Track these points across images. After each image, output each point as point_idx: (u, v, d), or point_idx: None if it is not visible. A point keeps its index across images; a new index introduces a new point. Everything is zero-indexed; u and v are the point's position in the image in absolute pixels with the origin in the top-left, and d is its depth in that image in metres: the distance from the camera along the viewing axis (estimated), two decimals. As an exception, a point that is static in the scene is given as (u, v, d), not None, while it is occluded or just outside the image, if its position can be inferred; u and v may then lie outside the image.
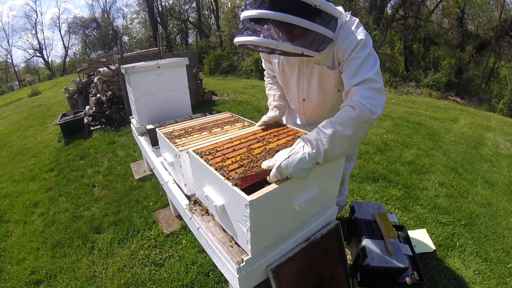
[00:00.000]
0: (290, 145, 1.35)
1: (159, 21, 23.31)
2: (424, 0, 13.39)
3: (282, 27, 1.01)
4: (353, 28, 1.18)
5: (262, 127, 1.65)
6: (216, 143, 1.46)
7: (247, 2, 1.03)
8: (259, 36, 1.02)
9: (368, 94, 1.08)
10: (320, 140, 1.02)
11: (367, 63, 1.13)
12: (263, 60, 1.71)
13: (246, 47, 1.14)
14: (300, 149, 1.03)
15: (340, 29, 1.17)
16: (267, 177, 1.07)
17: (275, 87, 1.69)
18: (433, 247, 2.11)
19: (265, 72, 1.79)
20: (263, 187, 1.08)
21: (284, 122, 1.84)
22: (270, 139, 1.49)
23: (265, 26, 1.02)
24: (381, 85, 1.12)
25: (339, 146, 1.04)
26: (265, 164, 1.09)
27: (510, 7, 12.61)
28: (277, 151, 1.35)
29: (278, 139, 1.49)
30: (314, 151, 1.02)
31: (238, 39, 1.08)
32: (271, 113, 1.64)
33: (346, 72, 1.18)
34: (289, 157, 1.02)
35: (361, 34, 1.16)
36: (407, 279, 1.76)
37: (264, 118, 1.61)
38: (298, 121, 1.77)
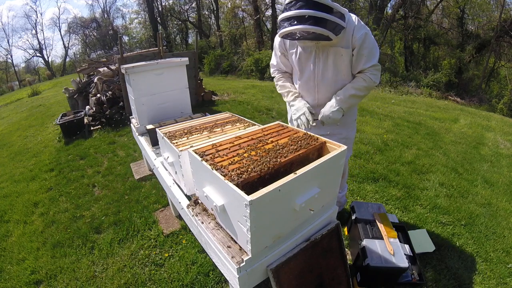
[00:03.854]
0: (290, 145, 1.43)
1: (159, 21, 23.31)
2: (424, 0, 13.39)
3: (314, 19, 1.46)
4: (360, 22, 1.68)
5: (262, 127, 1.69)
6: (216, 143, 1.46)
7: (298, 5, 1.45)
8: (305, 24, 1.45)
9: (374, 73, 1.72)
10: (345, 99, 1.74)
11: (374, 52, 1.69)
12: (277, 57, 1.94)
13: (289, 37, 1.57)
14: (336, 105, 1.74)
15: (356, 20, 1.65)
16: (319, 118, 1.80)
17: (290, 80, 2.02)
18: (433, 247, 2.11)
19: (273, 70, 2.05)
20: (263, 187, 1.08)
21: None
22: (270, 139, 1.50)
23: (305, 19, 1.45)
24: (379, 66, 1.73)
25: (354, 102, 1.79)
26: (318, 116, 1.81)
27: (510, 7, 12.62)
28: (277, 150, 1.37)
29: (279, 139, 1.50)
30: (343, 106, 1.74)
31: (289, 28, 1.48)
32: (302, 101, 1.89)
33: (360, 59, 1.69)
34: (330, 110, 1.75)
35: (363, 27, 1.66)
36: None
37: (307, 106, 1.86)
38: (311, 101, 1.92)
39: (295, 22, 1.48)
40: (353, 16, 1.67)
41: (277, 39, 1.83)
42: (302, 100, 1.89)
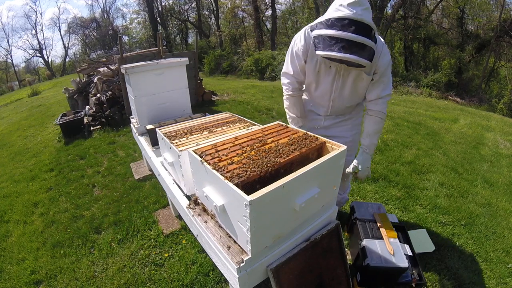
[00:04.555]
0: (290, 145, 1.42)
1: (159, 21, 23.31)
2: (424, 0, 13.39)
3: (360, 46, 1.40)
4: (386, 46, 1.61)
5: (262, 127, 1.68)
6: (216, 143, 1.46)
7: (340, 24, 1.38)
8: (355, 55, 1.38)
9: (386, 104, 1.74)
10: (373, 147, 1.82)
11: (390, 81, 1.70)
12: (297, 65, 1.77)
13: (330, 59, 1.52)
14: (368, 158, 1.83)
15: (382, 45, 1.58)
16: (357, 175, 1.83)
17: (301, 101, 1.95)
18: (433, 247, 2.11)
19: (288, 82, 1.86)
20: (263, 187, 1.08)
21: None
22: (270, 139, 1.50)
23: (348, 44, 1.38)
24: (392, 93, 1.78)
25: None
26: (349, 169, 1.84)
27: (510, 7, 12.61)
28: (277, 151, 1.37)
29: (279, 139, 1.50)
30: (371, 153, 1.84)
31: (338, 55, 1.39)
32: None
33: (379, 85, 1.68)
34: (365, 165, 1.81)
35: (388, 53, 1.62)
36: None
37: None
38: (321, 112, 1.94)
39: (344, 48, 1.38)
40: (381, 39, 1.61)
41: (300, 45, 1.68)
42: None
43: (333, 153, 1.30)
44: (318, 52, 1.49)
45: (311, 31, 1.59)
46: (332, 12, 1.43)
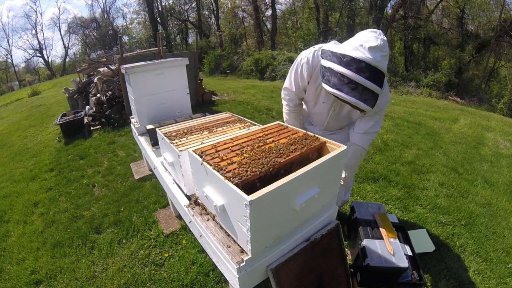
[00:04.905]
0: (290, 145, 1.43)
1: (159, 21, 23.31)
2: (424, 0, 13.39)
3: (370, 92, 1.37)
4: (387, 86, 1.60)
5: (262, 127, 1.67)
6: (216, 143, 1.46)
7: (356, 66, 1.32)
8: (361, 101, 1.38)
9: (370, 141, 1.79)
10: (347, 179, 1.94)
11: (382, 119, 1.72)
12: (299, 84, 1.75)
13: (335, 96, 1.47)
14: (342, 189, 1.89)
15: (385, 85, 1.54)
16: None
17: (299, 117, 2.00)
18: (433, 247, 2.11)
19: (289, 99, 1.87)
20: (263, 187, 1.08)
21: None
22: (270, 139, 1.50)
23: (358, 88, 1.36)
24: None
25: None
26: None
27: (510, 7, 12.62)
28: (277, 151, 1.36)
29: (279, 139, 1.50)
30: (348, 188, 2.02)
31: (346, 97, 1.38)
32: None
33: (370, 121, 1.69)
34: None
35: (388, 93, 1.63)
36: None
37: None
38: (317, 126, 2.01)
39: (354, 91, 1.35)
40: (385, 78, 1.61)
41: (306, 66, 1.65)
42: None
43: (333, 153, 1.30)
44: (326, 87, 1.45)
45: (321, 55, 1.52)
46: (351, 49, 1.35)
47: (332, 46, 1.49)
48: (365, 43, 1.32)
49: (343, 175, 1.85)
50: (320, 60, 1.53)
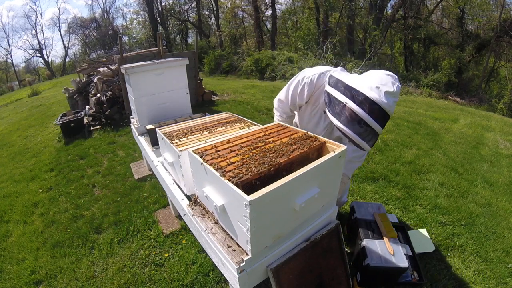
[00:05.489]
0: (290, 145, 1.43)
1: (159, 21, 23.31)
2: (424, 0, 13.39)
3: (375, 133, 1.38)
4: None
5: (262, 127, 1.67)
6: (216, 143, 1.46)
7: (369, 107, 1.30)
8: (359, 136, 1.36)
9: (354, 170, 1.84)
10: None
11: (367, 154, 1.79)
12: (296, 99, 1.73)
13: (339, 130, 1.43)
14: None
15: None
16: None
17: (291, 123, 1.92)
18: (433, 247, 2.11)
19: (281, 111, 1.88)
20: (263, 187, 1.08)
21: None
22: (270, 139, 1.50)
23: (365, 128, 1.35)
24: None
25: None
26: None
27: (510, 7, 12.62)
28: (277, 151, 1.37)
29: (278, 139, 1.50)
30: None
31: (348, 132, 1.36)
32: None
33: (358, 151, 1.68)
34: None
35: None
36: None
37: None
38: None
39: (360, 130, 1.34)
40: None
41: (307, 88, 1.63)
42: None
43: (333, 153, 1.30)
44: (333, 120, 1.42)
45: (329, 80, 1.48)
46: (367, 88, 1.31)
47: (343, 76, 1.44)
48: (382, 86, 1.30)
49: None
50: (326, 86, 1.48)
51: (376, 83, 1.31)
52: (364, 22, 13.38)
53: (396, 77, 1.37)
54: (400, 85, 1.35)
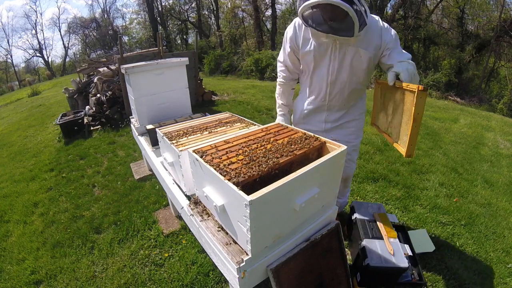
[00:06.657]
0: (290, 145, 1.43)
1: (159, 21, 23.31)
2: (424, 0, 13.39)
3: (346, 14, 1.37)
4: (385, 24, 1.61)
5: (262, 127, 1.67)
6: (216, 143, 1.46)
7: None
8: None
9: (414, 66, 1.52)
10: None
11: (404, 51, 1.61)
12: (286, 52, 1.80)
13: (313, 8, 1.44)
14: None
15: (382, 22, 1.59)
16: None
17: (289, 91, 1.98)
18: (433, 247, 2.11)
19: (280, 70, 1.92)
20: (263, 187, 1.08)
21: (300, 108, 1.99)
22: (270, 139, 1.50)
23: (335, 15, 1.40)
24: None
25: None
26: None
27: (510, 7, 12.61)
28: (277, 150, 1.36)
29: (279, 139, 1.50)
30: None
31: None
32: (280, 118, 1.99)
33: (394, 54, 1.57)
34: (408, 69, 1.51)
35: (391, 29, 1.61)
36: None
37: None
38: (321, 105, 1.87)
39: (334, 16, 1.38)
40: (376, 17, 1.60)
41: (289, 32, 1.72)
42: (281, 117, 2.01)
43: (333, 153, 1.30)
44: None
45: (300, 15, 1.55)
46: None
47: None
48: None
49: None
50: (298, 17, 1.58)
51: None
52: (364, 22, 13.34)
53: None
54: None
